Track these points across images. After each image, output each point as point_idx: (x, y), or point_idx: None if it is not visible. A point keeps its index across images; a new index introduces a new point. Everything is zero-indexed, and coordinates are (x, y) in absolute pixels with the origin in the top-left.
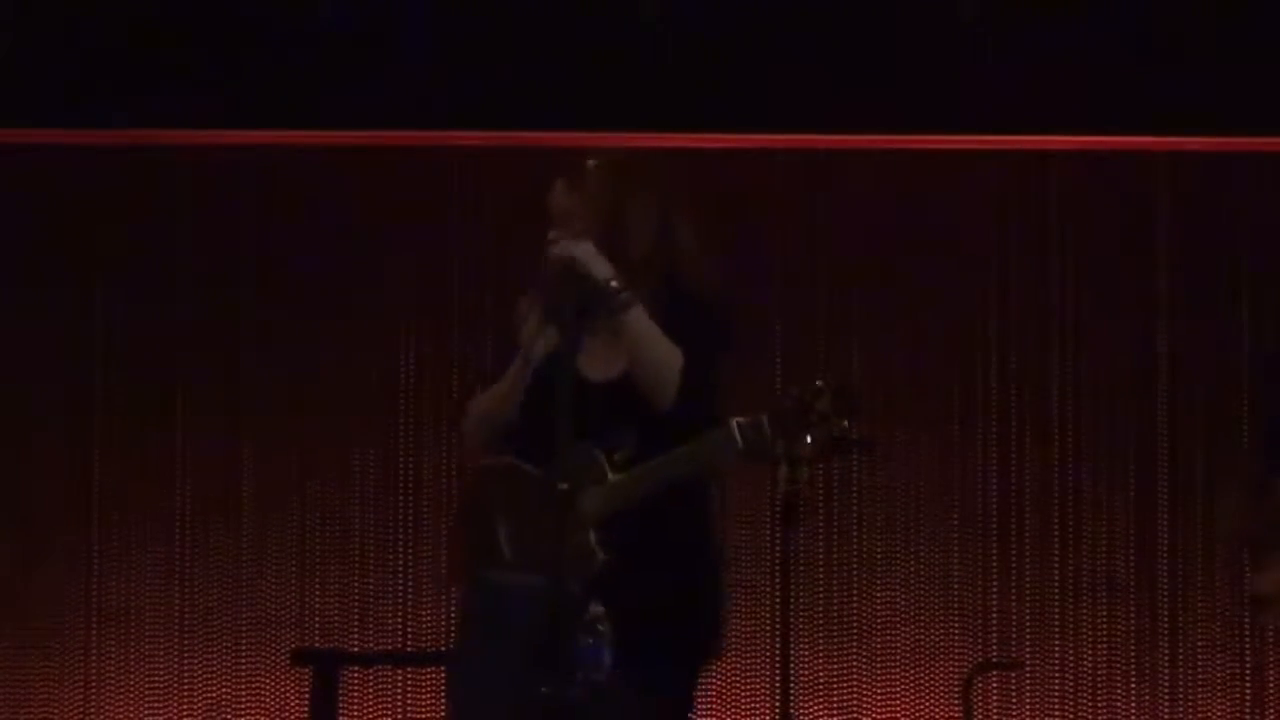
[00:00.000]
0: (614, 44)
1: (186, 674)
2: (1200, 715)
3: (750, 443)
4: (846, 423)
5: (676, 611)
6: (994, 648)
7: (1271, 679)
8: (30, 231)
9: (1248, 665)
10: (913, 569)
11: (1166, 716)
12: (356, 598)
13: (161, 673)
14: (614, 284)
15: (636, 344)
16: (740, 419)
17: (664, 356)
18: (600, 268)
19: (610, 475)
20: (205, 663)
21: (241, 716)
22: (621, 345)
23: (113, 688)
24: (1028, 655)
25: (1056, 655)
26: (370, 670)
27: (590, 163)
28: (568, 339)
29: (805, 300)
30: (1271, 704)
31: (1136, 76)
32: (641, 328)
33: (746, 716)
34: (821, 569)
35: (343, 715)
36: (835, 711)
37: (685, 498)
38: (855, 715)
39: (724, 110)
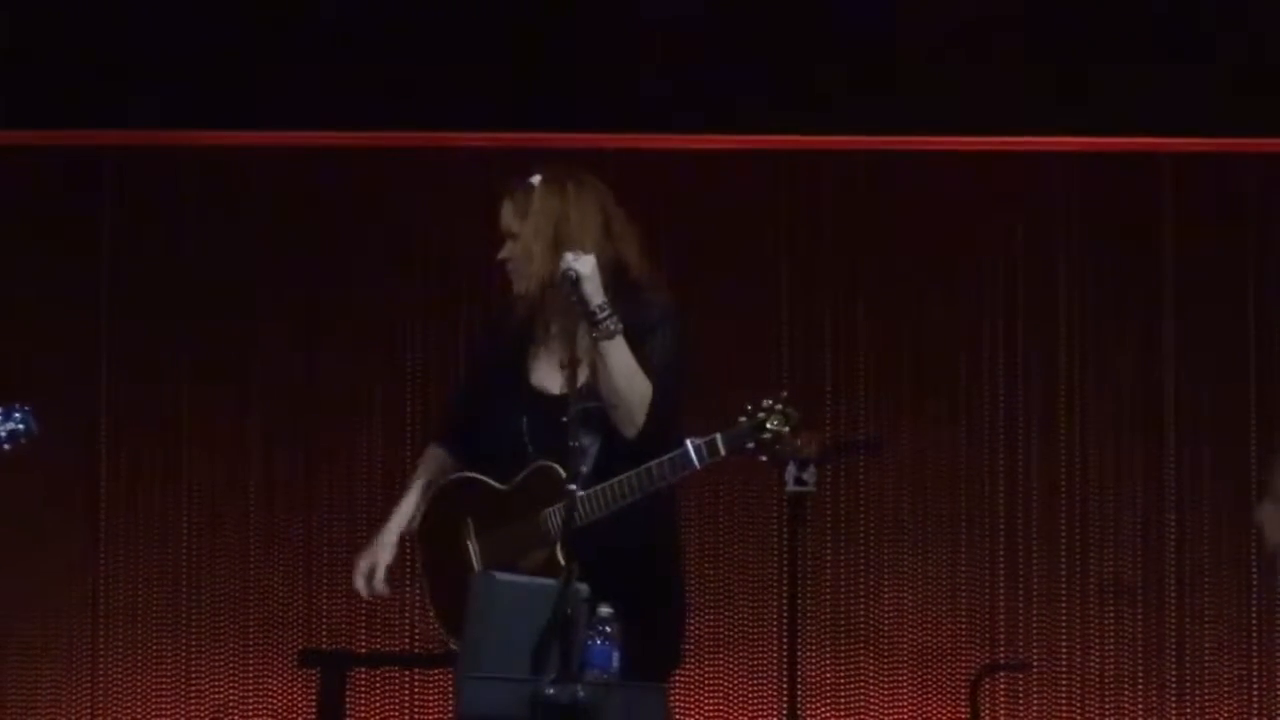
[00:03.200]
0: (613, 44)
1: (194, 675)
2: (1207, 717)
3: (705, 461)
4: (799, 440)
5: (638, 623)
6: (1001, 649)
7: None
8: (32, 232)
9: (1254, 667)
10: (920, 570)
11: (1174, 718)
12: (364, 599)
13: (169, 674)
14: (604, 311)
15: (612, 374)
16: (696, 440)
17: (637, 388)
18: (595, 292)
19: (573, 491)
20: (212, 664)
21: (249, 718)
22: (585, 360)
23: (120, 689)
24: (1035, 656)
25: (1064, 656)
26: (378, 671)
27: (534, 179)
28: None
29: (809, 301)
30: (1279, 705)
31: (1140, 76)
32: (620, 358)
33: (753, 717)
34: (828, 570)
35: (350, 716)
36: (842, 712)
37: (647, 512)
38: (862, 716)
39: (724, 111)
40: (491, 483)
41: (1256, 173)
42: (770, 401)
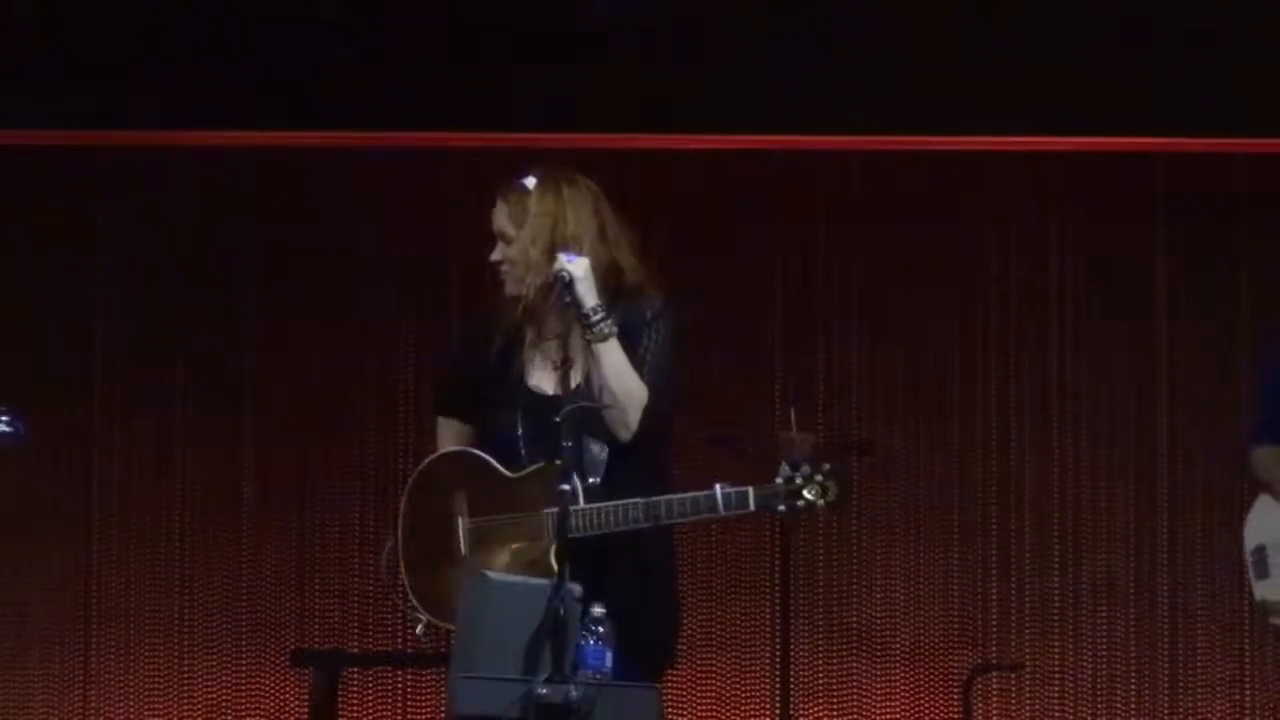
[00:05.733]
0: (612, 44)
1: (186, 675)
2: (1199, 717)
3: (732, 510)
4: (829, 511)
5: (632, 625)
6: (994, 649)
7: (1272, 681)
8: (31, 231)
9: (1247, 667)
10: (912, 570)
11: (1166, 717)
12: (356, 598)
13: (161, 674)
14: (598, 313)
15: (606, 376)
16: (726, 487)
17: (631, 391)
18: (588, 293)
19: (583, 503)
20: (205, 664)
21: (241, 718)
22: (582, 363)
23: (112, 689)
24: (1027, 656)
25: (1056, 656)
26: (370, 671)
27: (528, 181)
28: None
29: (805, 300)
30: (1270, 706)
31: (1136, 76)
32: (614, 361)
33: (746, 717)
34: (821, 570)
35: (343, 716)
36: (835, 712)
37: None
38: (855, 716)
39: (724, 110)
40: (498, 467)
41: (1249, 172)
42: (810, 469)
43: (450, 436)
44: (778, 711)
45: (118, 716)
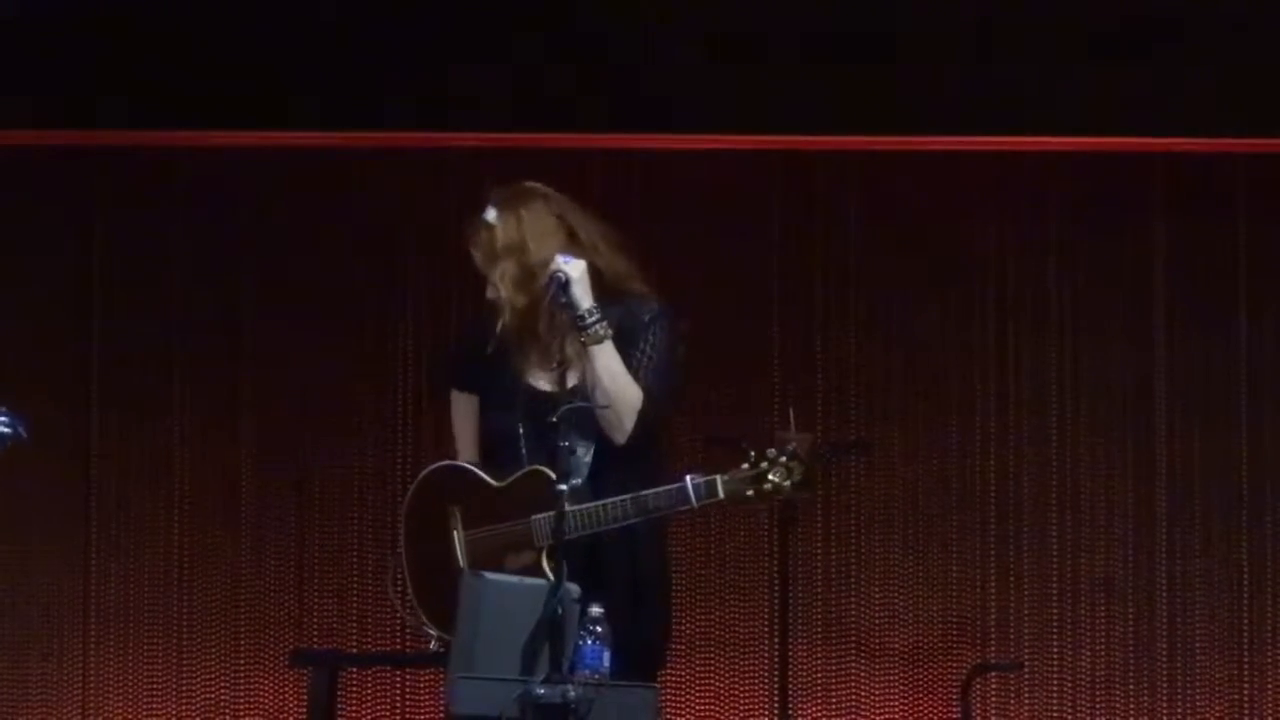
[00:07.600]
0: (612, 44)
1: (185, 675)
2: (1198, 716)
3: (703, 500)
4: (800, 495)
5: (624, 627)
6: (992, 649)
7: (1270, 680)
8: (29, 231)
9: (1245, 667)
10: (911, 570)
11: (1165, 717)
12: (355, 599)
13: (160, 673)
14: (592, 315)
15: (600, 378)
16: (696, 478)
17: (626, 394)
18: (584, 296)
19: (566, 506)
20: (203, 664)
21: (240, 717)
22: (577, 362)
23: (111, 688)
24: (1026, 656)
25: (1055, 656)
26: (369, 671)
27: (489, 215)
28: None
29: (803, 300)
30: (1269, 705)
31: (1136, 76)
32: (608, 363)
33: (744, 717)
34: (820, 570)
35: (341, 716)
36: (834, 713)
37: (635, 524)
38: (853, 716)
39: (724, 110)
40: (485, 477)
41: (1246, 172)
42: (775, 452)
43: (465, 410)
44: (776, 711)
45: (116, 716)
